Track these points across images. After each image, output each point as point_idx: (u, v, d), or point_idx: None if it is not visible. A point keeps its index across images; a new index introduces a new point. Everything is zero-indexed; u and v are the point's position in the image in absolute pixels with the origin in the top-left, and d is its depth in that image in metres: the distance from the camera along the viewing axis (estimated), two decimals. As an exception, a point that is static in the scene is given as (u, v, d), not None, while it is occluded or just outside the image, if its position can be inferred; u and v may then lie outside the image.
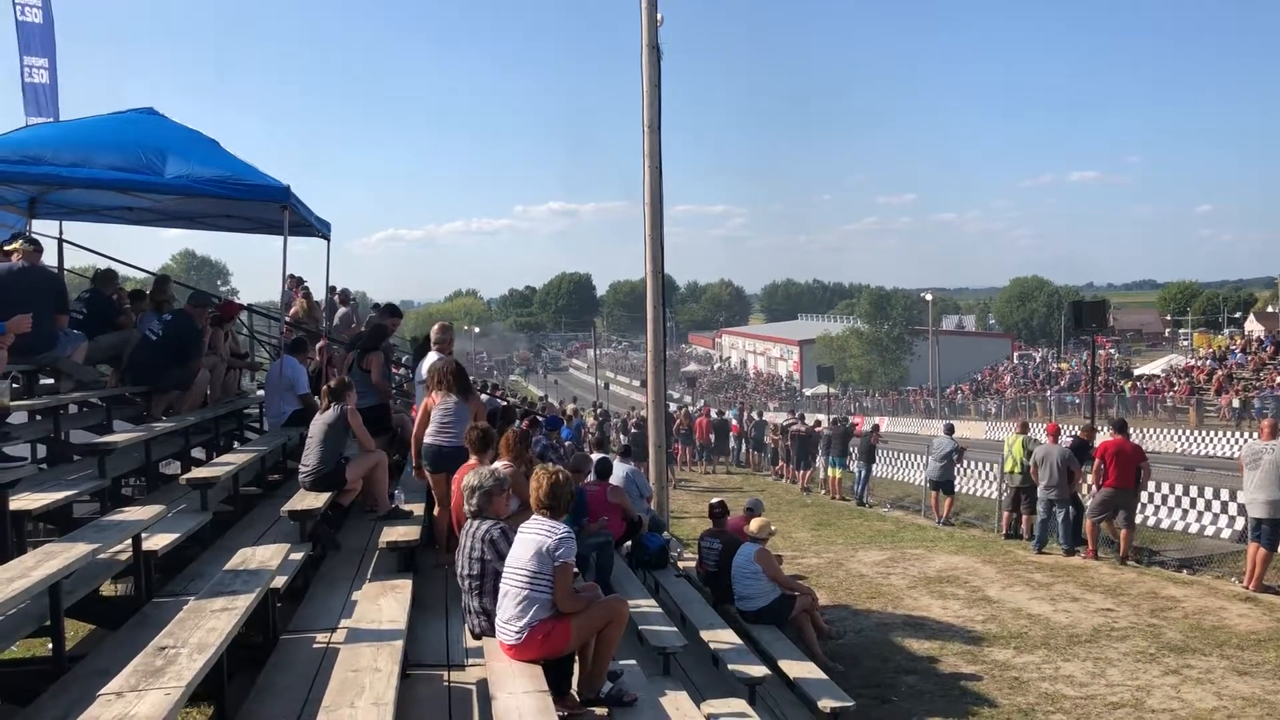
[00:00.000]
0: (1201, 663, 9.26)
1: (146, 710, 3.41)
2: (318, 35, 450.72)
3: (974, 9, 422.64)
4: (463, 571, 5.65)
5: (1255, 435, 13.29)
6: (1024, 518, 16.31)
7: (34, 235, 9.46)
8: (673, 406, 34.35)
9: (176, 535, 6.31)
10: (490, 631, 5.48)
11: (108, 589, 6.58)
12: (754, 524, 9.85)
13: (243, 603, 4.71)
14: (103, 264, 11.30)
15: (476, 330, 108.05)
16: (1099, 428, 18.06)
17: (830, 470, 25.01)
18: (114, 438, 7.64)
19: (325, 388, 8.20)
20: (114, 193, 9.54)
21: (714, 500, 11.13)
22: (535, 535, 5.26)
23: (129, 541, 5.66)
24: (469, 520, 5.77)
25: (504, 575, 5.35)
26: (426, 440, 7.84)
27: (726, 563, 10.03)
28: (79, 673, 4.79)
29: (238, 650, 5.05)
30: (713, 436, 32.70)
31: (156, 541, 6.01)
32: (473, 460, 7.13)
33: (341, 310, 15.84)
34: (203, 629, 4.29)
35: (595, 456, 11.23)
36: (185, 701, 3.65)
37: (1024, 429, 17.53)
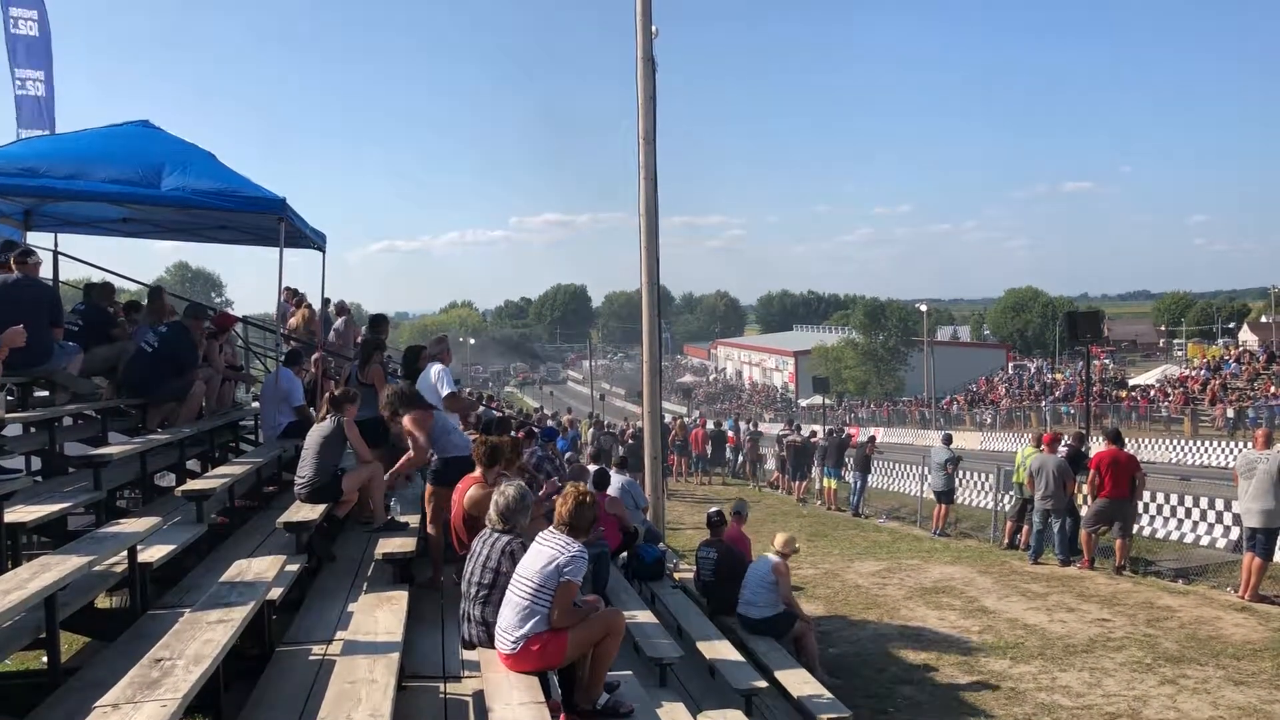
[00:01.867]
0: (1197, 672, 9.27)
1: (143, 722, 3.41)
2: (313, 47, 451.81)
3: (967, 20, 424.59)
4: (473, 579, 5.63)
5: (1250, 445, 13.31)
6: (1025, 528, 16.22)
7: (31, 248, 9.45)
8: (668, 418, 34.32)
9: (172, 547, 6.29)
10: (486, 643, 5.47)
11: (103, 601, 6.56)
12: (779, 539, 9.83)
13: (239, 614, 4.70)
14: (97, 276, 11.31)
15: (472, 342, 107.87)
16: (1094, 437, 18.04)
17: (826, 481, 25.03)
18: (109, 450, 7.64)
19: (329, 396, 8.20)
20: (109, 205, 9.55)
21: (712, 510, 11.13)
22: (549, 549, 5.27)
23: (124, 554, 5.64)
24: (488, 530, 5.77)
25: (511, 583, 5.35)
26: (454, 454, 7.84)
27: (725, 572, 10.03)
28: (74, 685, 4.77)
29: (234, 662, 5.03)
30: (709, 447, 32.69)
31: (152, 553, 5.99)
32: (477, 473, 7.13)
33: (338, 321, 15.84)
34: (199, 641, 4.28)
35: (592, 468, 11.23)
36: (181, 713, 3.64)
37: (1038, 442, 17.15)
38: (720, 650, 8.11)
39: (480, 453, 7.21)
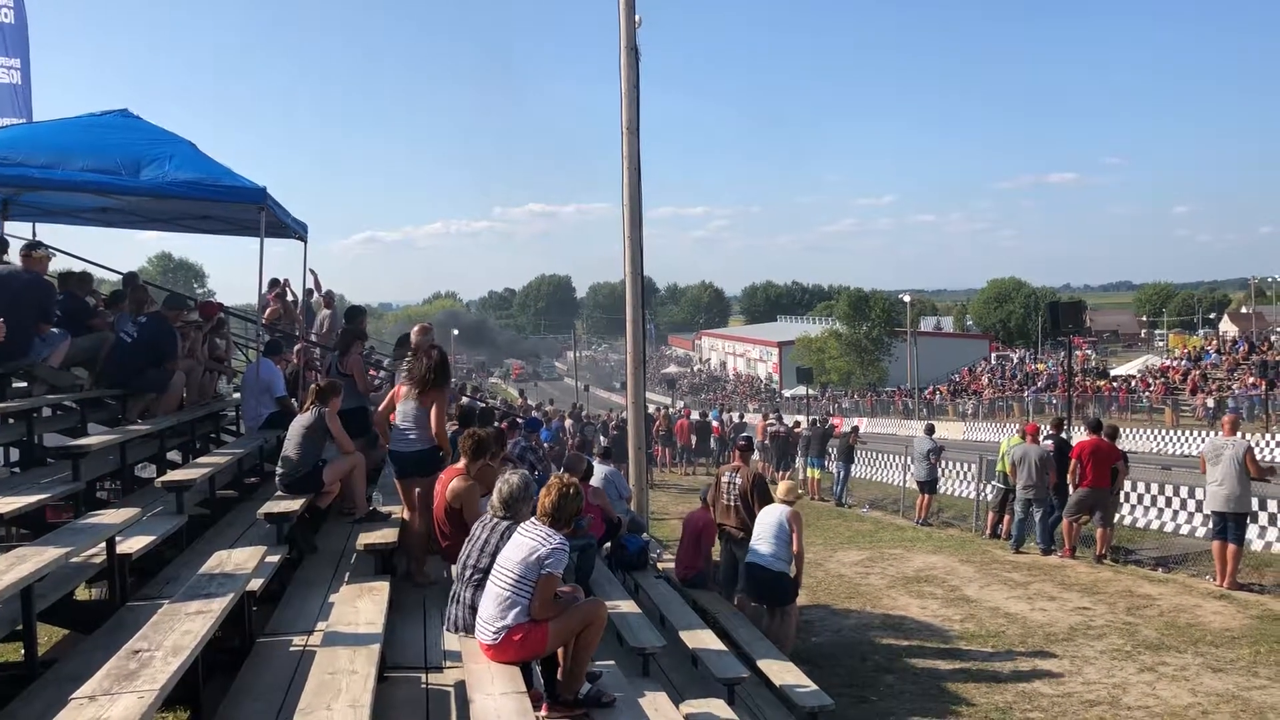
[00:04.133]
0: (1176, 660, 9.34)
1: (120, 714, 3.37)
2: (294, 35, 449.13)
3: (953, 9, 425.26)
4: (470, 562, 5.61)
5: (1218, 432, 13.46)
6: (1007, 518, 16.31)
7: (39, 241, 9.35)
8: (651, 408, 34.30)
9: (152, 538, 6.25)
10: (470, 627, 5.45)
11: (82, 593, 6.53)
12: (782, 487, 9.80)
13: (218, 606, 4.67)
14: (78, 266, 11.22)
15: (455, 333, 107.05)
16: (1075, 427, 18.14)
17: (809, 471, 25.07)
18: (88, 441, 7.59)
19: (314, 387, 8.18)
20: (89, 194, 9.47)
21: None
22: (530, 540, 5.24)
23: (103, 545, 5.60)
24: (489, 515, 5.77)
25: (491, 572, 5.33)
26: (390, 447, 7.86)
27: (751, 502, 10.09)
28: (51, 678, 4.75)
29: (214, 654, 5.02)
30: (693, 438, 32.70)
31: (131, 545, 5.95)
32: (461, 464, 7.13)
33: (324, 313, 15.74)
34: (178, 632, 4.25)
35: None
36: (160, 705, 3.62)
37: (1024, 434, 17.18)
38: (703, 640, 8.12)
39: (466, 445, 7.20)
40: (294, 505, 7.30)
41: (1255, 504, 13.01)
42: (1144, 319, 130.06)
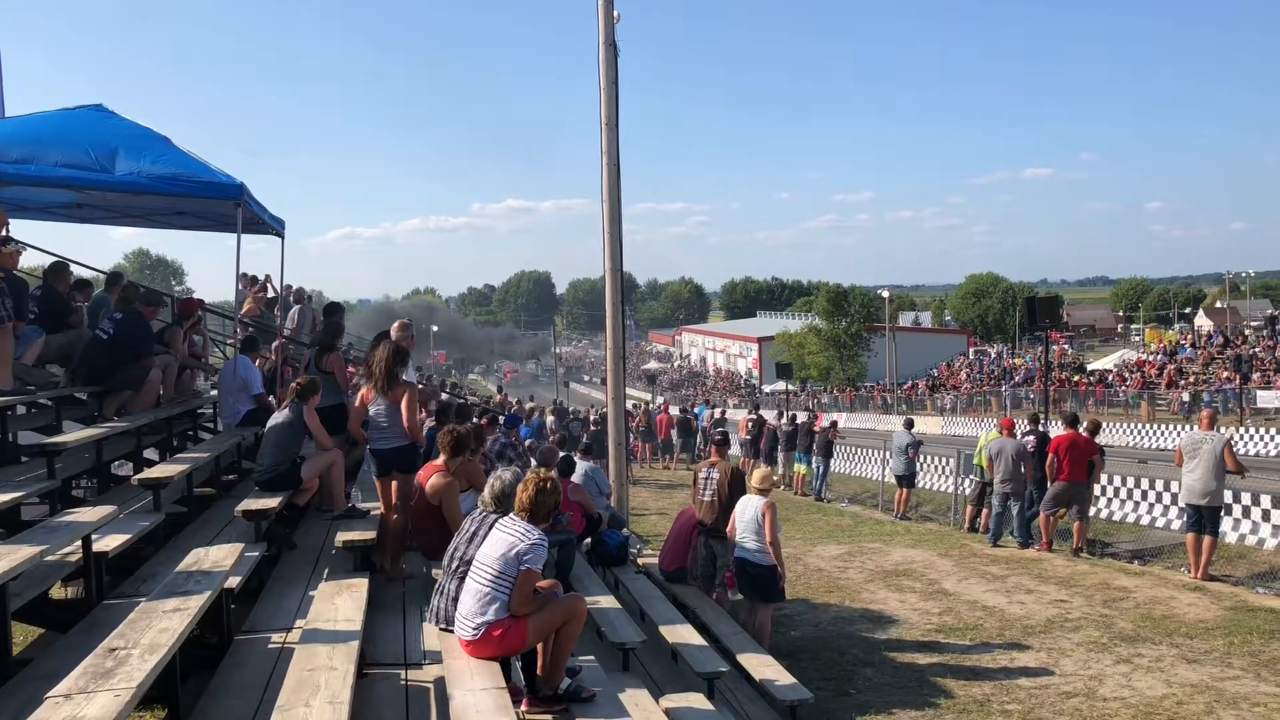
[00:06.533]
0: (1152, 651, 9.42)
1: (96, 712, 3.36)
2: (274, 31, 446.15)
3: (928, 7, 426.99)
4: (458, 554, 5.63)
5: (1196, 426, 13.59)
6: (984, 512, 16.38)
7: (7, 236, 9.23)
8: (630, 404, 34.21)
9: (128, 536, 6.21)
10: (450, 620, 5.45)
11: (58, 592, 6.48)
12: (756, 475, 9.77)
13: (196, 603, 4.65)
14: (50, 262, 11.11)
15: (435, 329, 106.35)
16: (1052, 421, 18.28)
17: (796, 466, 25.08)
18: (64, 438, 7.51)
19: (294, 385, 8.15)
20: (62, 190, 9.38)
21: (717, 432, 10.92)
22: (509, 536, 5.25)
23: (79, 543, 5.56)
24: (479, 509, 5.80)
25: (471, 568, 5.33)
26: (369, 445, 7.86)
27: (727, 497, 9.94)
28: (26, 677, 4.70)
29: (192, 651, 5.00)
30: (674, 433, 32.66)
31: (108, 543, 5.90)
32: (440, 460, 7.12)
33: (295, 308, 15.67)
34: (154, 630, 4.23)
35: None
36: (136, 703, 3.60)
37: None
38: (683, 634, 8.14)
39: (445, 442, 7.19)
40: (272, 502, 7.27)
41: (1229, 497, 13.16)
42: (1120, 314, 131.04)
